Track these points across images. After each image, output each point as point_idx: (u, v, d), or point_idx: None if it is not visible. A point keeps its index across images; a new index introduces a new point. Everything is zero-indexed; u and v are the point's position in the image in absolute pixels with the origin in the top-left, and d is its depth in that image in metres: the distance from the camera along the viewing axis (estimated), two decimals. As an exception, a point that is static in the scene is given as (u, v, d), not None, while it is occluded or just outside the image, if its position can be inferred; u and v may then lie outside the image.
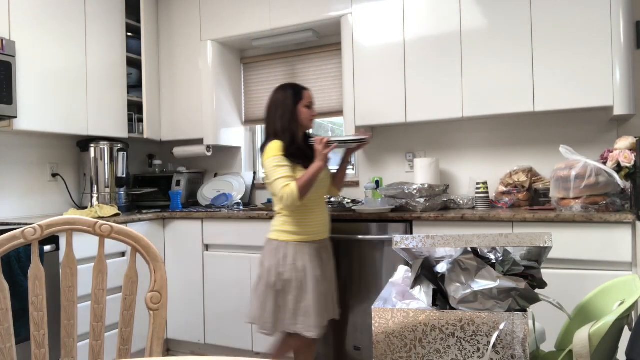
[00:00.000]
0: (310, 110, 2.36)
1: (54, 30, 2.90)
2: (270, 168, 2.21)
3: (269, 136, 2.33)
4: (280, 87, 2.38)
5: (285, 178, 2.18)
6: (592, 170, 2.21)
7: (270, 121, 2.34)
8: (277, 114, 2.32)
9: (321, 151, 2.23)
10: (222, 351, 3.12)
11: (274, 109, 2.34)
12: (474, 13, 2.66)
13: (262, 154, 2.30)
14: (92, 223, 1.28)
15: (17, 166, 3.00)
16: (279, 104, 2.33)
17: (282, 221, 2.31)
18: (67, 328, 1.25)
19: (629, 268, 2.14)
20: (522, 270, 1.20)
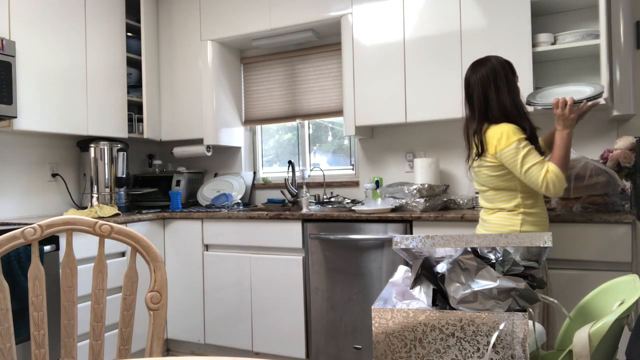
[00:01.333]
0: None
1: (54, 30, 2.90)
2: (520, 155, 1.84)
3: (490, 117, 1.95)
4: (492, 58, 2.00)
5: (539, 163, 1.83)
6: (592, 170, 2.21)
7: (491, 97, 1.95)
8: (501, 88, 1.94)
9: (568, 115, 1.87)
10: (222, 351, 3.12)
11: (494, 82, 1.95)
12: (474, 13, 2.66)
13: (483, 138, 1.93)
14: (92, 223, 1.28)
15: (17, 166, 3.00)
16: (501, 76, 1.95)
17: (523, 220, 1.93)
18: (67, 328, 1.25)
19: (629, 268, 2.14)
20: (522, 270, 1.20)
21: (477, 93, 1.99)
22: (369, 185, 3.00)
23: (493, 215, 2.00)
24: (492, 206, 2.01)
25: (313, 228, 2.77)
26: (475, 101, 2.00)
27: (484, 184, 2.02)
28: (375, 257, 2.61)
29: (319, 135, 3.66)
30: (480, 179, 2.03)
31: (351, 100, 2.99)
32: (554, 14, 2.76)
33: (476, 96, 1.99)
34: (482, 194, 2.05)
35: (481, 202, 2.08)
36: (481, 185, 2.04)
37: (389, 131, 3.24)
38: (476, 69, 2.02)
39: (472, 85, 2.02)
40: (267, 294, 2.91)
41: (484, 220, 2.05)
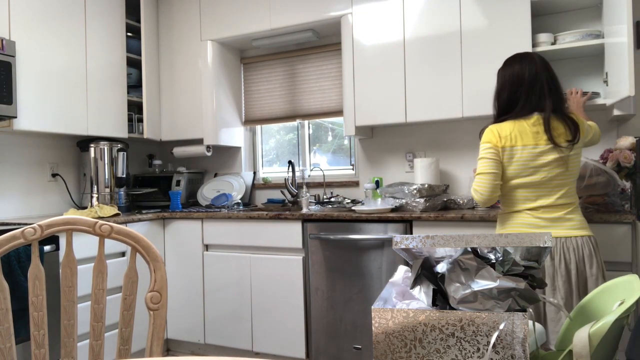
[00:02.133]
0: None
1: (54, 30, 2.90)
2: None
3: (561, 108, 1.92)
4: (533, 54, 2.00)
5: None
6: (592, 170, 2.21)
7: (560, 90, 1.95)
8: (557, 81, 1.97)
9: (580, 100, 2.26)
10: (222, 351, 3.12)
11: (553, 76, 1.96)
12: (474, 13, 2.66)
13: (577, 129, 1.87)
14: (92, 223, 1.28)
15: (17, 166, 3.00)
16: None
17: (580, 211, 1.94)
18: (67, 328, 1.25)
19: (629, 268, 2.14)
20: (522, 270, 1.20)
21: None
22: (369, 185, 3.00)
23: (574, 213, 1.90)
24: (571, 201, 1.91)
25: (313, 228, 2.77)
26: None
27: (571, 177, 1.91)
28: (375, 257, 2.61)
29: (319, 135, 3.66)
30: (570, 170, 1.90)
31: (351, 100, 2.99)
32: (554, 14, 2.77)
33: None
34: (567, 186, 1.89)
35: (553, 199, 1.88)
36: (565, 178, 1.89)
37: (389, 131, 3.24)
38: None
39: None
40: (267, 294, 2.91)
41: (570, 220, 1.88)
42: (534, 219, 1.89)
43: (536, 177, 1.87)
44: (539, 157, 1.86)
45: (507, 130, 1.89)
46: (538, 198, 1.89)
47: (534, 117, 1.89)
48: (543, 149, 1.86)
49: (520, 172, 1.89)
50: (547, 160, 1.86)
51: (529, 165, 1.87)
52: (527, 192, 1.90)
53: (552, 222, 1.87)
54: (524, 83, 1.92)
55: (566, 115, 1.89)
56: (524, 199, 1.91)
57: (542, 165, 1.86)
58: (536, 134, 1.87)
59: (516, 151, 1.88)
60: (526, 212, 1.91)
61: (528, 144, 1.87)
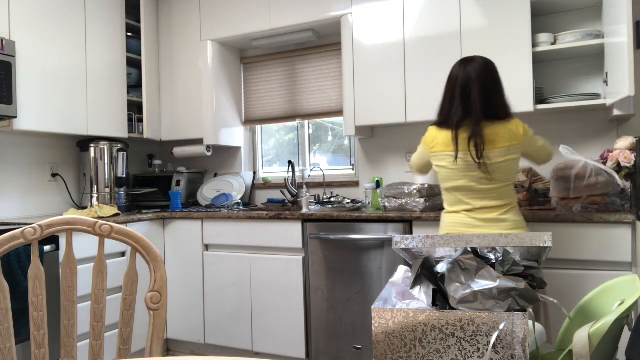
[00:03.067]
0: None
1: (54, 30, 2.90)
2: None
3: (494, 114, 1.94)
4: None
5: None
6: (592, 170, 2.21)
7: (494, 95, 1.95)
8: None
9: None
10: (222, 351, 3.13)
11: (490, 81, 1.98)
12: (474, 13, 2.66)
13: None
14: (92, 223, 1.28)
15: (17, 166, 3.00)
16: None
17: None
18: (67, 328, 1.25)
19: (629, 268, 2.14)
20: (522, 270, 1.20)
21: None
22: (369, 185, 3.00)
23: (509, 213, 1.95)
24: (505, 203, 1.95)
25: (313, 228, 2.77)
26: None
27: (501, 181, 1.94)
28: (375, 257, 2.61)
29: (319, 135, 3.66)
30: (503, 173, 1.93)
31: (351, 100, 2.99)
32: (554, 14, 2.77)
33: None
34: (495, 191, 1.94)
35: (485, 202, 1.94)
36: (492, 183, 1.93)
37: (389, 131, 3.24)
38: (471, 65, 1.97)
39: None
40: (267, 294, 2.91)
41: (504, 220, 1.93)
42: (469, 219, 1.96)
43: (463, 182, 1.94)
44: (466, 165, 1.91)
45: (440, 137, 1.97)
46: (472, 200, 1.95)
47: (464, 125, 1.90)
48: (464, 156, 1.91)
49: (450, 177, 1.96)
50: (471, 167, 1.91)
51: (458, 171, 1.94)
52: (460, 195, 1.98)
53: (485, 222, 1.93)
54: (456, 89, 1.93)
55: (478, 134, 1.87)
56: (458, 201, 1.99)
57: (467, 171, 1.92)
58: (463, 143, 1.90)
59: (443, 157, 1.97)
60: (463, 212, 1.98)
61: (450, 151, 1.94)
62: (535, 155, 2.04)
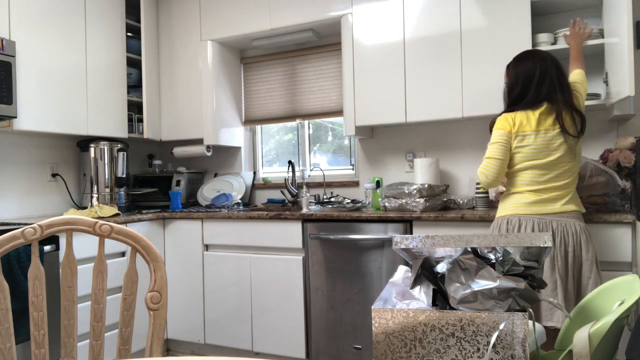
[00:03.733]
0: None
1: (54, 30, 2.90)
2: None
3: (571, 102, 2.06)
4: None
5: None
6: (592, 170, 2.21)
7: (569, 87, 2.10)
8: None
9: (582, 34, 2.37)
10: (222, 351, 3.13)
11: (563, 74, 2.14)
12: (474, 13, 2.66)
13: (583, 123, 2.02)
14: (92, 223, 1.28)
15: (17, 166, 3.00)
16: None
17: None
18: (67, 328, 1.25)
19: (629, 268, 2.14)
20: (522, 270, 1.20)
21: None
22: (369, 185, 3.00)
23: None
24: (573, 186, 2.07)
25: (313, 228, 2.77)
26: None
27: (577, 164, 2.06)
28: (375, 257, 2.61)
29: (319, 135, 3.66)
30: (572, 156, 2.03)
31: (351, 100, 2.99)
32: (554, 14, 2.77)
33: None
34: (566, 174, 2.02)
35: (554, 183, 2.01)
36: (573, 165, 2.03)
37: (389, 131, 3.24)
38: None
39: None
40: (267, 294, 2.91)
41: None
42: (533, 196, 2.02)
43: (548, 159, 2.00)
44: (551, 141, 1.99)
45: (519, 117, 2.03)
46: (544, 181, 2.01)
47: (543, 107, 2.02)
48: (554, 134, 1.99)
49: (533, 155, 2.00)
50: (557, 144, 1.99)
51: (542, 149, 2.00)
52: (534, 174, 2.02)
53: (549, 201, 2.01)
54: (534, 79, 2.05)
55: (574, 109, 2.02)
56: (529, 182, 2.03)
57: (554, 150, 1.99)
58: (545, 122, 2.00)
59: (529, 136, 2.00)
60: (527, 193, 2.04)
61: (540, 130, 2.00)
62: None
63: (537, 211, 2.00)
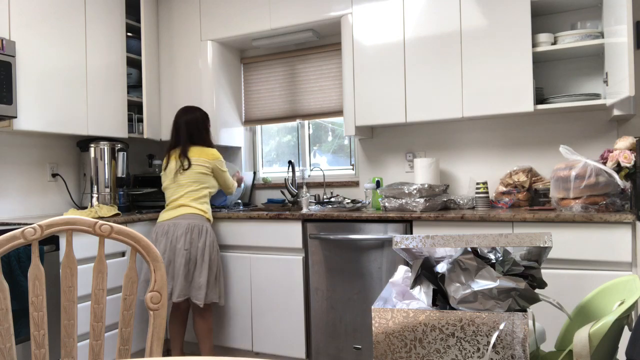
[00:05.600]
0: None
1: (54, 30, 2.90)
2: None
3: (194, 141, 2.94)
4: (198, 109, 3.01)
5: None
6: (592, 170, 2.21)
7: (194, 130, 2.95)
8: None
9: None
10: (222, 351, 3.13)
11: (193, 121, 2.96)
12: (474, 13, 2.66)
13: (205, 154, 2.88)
14: (92, 223, 1.28)
15: (17, 166, 3.00)
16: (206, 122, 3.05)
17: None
18: (67, 328, 1.25)
19: (629, 268, 2.14)
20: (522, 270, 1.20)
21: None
22: (369, 185, 3.00)
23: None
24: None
25: (313, 228, 2.77)
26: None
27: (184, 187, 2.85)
28: (375, 257, 2.61)
29: (319, 135, 3.66)
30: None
31: (351, 100, 2.99)
32: (554, 14, 2.77)
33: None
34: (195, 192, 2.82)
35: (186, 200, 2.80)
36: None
37: (389, 131, 3.24)
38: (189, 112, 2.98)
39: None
40: (267, 294, 2.91)
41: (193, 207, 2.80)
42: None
43: (166, 182, 2.89)
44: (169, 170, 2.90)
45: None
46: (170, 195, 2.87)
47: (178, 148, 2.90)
48: (171, 165, 2.89)
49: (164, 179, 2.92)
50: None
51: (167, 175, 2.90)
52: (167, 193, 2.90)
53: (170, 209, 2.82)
54: (176, 124, 2.96)
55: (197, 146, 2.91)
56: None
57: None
58: (176, 158, 2.88)
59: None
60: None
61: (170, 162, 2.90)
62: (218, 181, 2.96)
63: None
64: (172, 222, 2.72)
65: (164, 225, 2.72)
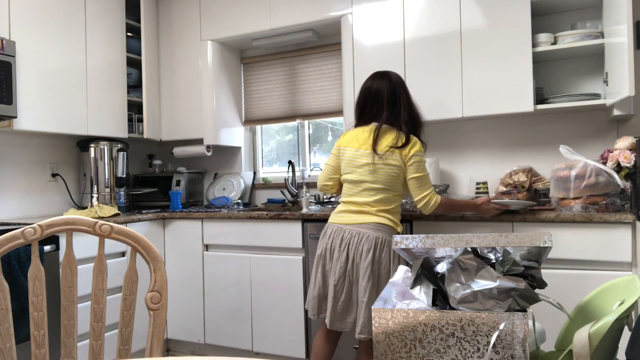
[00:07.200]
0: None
1: (54, 30, 2.90)
2: (423, 163, 2.16)
3: (406, 127, 2.19)
4: (392, 73, 2.30)
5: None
6: (592, 170, 2.21)
7: (398, 105, 2.20)
8: (411, 102, 2.23)
9: (489, 211, 2.30)
10: (222, 351, 3.12)
11: (406, 93, 2.24)
12: (474, 13, 2.66)
13: (406, 143, 2.12)
14: (92, 223, 1.28)
15: (17, 166, 3.00)
16: (407, 91, 2.26)
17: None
18: (67, 328, 1.25)
19: (629, 268, 2.14)
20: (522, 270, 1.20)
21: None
22: (369, 185, 3.00)
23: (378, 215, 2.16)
24: (375, 201, 2.18)
25: (313, 228, 2.77)
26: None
27: (379, 184, 2.16)
28: (375, 257, 2.61)
29: (319, 135, 3.66)
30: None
31: (351, 100, 2.99)
32: (554, 14, 2.77)
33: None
34: (370, 192, 2.16)
35: (362, 198, 2.17)
36: (373, 183, 2.16)
37: (389, 131, 3.24)
38: (384, 79, 2.25)
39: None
40: (267, 294, 2.91)
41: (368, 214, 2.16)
42: (343, 206, 2.22)
43: (353, 176, 2.18)
44: (356, 159, 2.18)
45: (348, 134, 2.26)
46: (353, 195, 2.19)
47: (371, 125, 2.20)
48: (362, 152, 2.16)
49: (345, 169, 2.22)
50: (360, 163, 2.16)
51: (350, 165, 2.19)
52: (347, 188, 2.23)
53: (353, 213, 2.18)
54: (369, 97, 2.23)
55: (400, 128, 2.16)
56: (345, 193, 2.24)
57: (357, 167, 2.17)
58: (366, 140, 2.16)
59: (346, 151, 2.22)
60: (342, 203, 2.24)
61: (354, 147, 2.19)
62: (409, 175, 2.16)
63: (340, 221, 2.20)
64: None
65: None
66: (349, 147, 2.20)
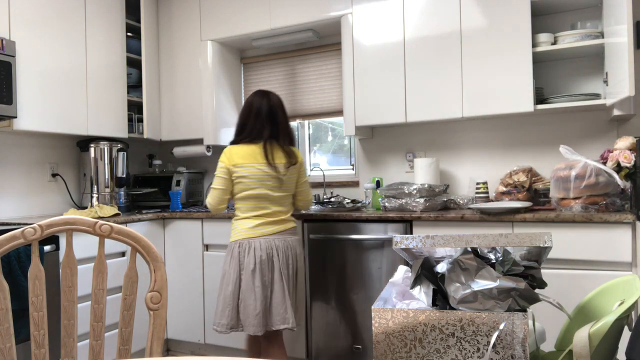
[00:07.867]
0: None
1: (54, 30, 2.90)
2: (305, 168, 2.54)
3: (291, 138, 2.47)
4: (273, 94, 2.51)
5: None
6: (592, 170, 2.21)
7: (278, 122, 2.42)
8: (287, 120, 2.48)
9: None
10: (222, 351, 3.12)
11: (283, 112, 2.48)
12: (474, 13, 2.66)
13: (294, 155, 2.42)
14: (92, 223, 1.28)
15: (17, 166, 3.00)
16: (285, 111, 2.52)
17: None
18: (67, 328, 1.25)
19: (629, 268, 2.14)
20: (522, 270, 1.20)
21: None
22: (369, 185, 3.00)
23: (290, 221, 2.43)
24: (286, 209, 2.43)
25: (313, 228, 2.77)
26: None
27: (289, 190, 2.42)
28: (375, 257, 2.61)
29: (319, 135, 3.66)
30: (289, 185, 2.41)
31: (351, 100, 2.99)
32: (554, 14, 2.77)
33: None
34: (282, 200, 2.39)
35: (274, 207, 2.37)
36: (286, 191, 2.40)
37: (389, 131, 3.24)
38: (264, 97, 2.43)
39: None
40: (267, 294, 2.90)
41: (285, 222, 2.40)
42: (257, 219, 2.34)
43: (260, 190, 2.32)
44: (260, 174, 2.31)
45: (236, 153, 2.33)
46: (263, 208, 2.34)
47: (259, 143, 2.35)
48: (264, 167, 2.31)
49: (249, 185, 2.32)
50: (266, 177, 2.32)
51: (255, 180, 2.31)
52: (253, 203, 2.34)
53: (271, 224, 2.35)
54: (251, 114, 2.39)
55: (284, 145, 2.37)
56: (251, 208, 2.35)
57: (263, 181, 2.32)
58: (260, 155, 2.32)
59: (244, 169, 2.31)
60: (254, 217, 2.35)
61: (251, 163, 2.31)
62: (299, 190, 2.48)
63: (262, 233, 2.34)
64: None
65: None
66: (247, 164, 2.32)
